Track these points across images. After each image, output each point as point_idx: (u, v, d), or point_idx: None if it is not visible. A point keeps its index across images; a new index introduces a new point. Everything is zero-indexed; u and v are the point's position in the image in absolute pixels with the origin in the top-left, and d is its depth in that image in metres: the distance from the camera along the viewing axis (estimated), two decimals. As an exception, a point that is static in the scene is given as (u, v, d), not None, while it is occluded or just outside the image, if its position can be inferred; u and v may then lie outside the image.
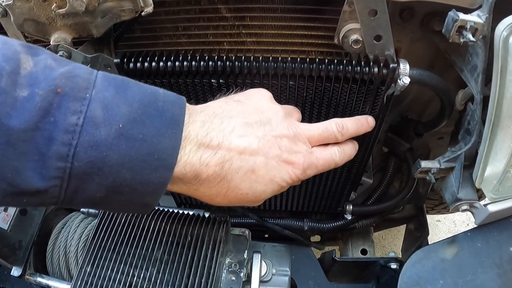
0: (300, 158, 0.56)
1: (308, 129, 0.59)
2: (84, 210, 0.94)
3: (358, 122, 0.66)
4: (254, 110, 0.56)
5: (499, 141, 0.62)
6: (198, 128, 0.50)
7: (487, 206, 0.70)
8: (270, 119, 0.56)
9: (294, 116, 0.62)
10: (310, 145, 0.59)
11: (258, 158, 0.53)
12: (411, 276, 0.74)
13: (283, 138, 0.55)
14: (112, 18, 0.65)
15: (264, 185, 0.55)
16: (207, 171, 0.50)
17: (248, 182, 0.53)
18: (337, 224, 1.08)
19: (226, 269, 0.77)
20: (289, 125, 0.57)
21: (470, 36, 0.57)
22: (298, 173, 0.56)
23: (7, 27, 0.73)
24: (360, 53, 0.69)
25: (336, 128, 0.61)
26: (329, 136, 0.61)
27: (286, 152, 0.55)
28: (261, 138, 0.54)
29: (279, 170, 0.55)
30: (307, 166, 0.57)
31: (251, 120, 0.54)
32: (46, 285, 0.91)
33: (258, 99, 0.59)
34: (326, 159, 0.60)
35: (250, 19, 0.72)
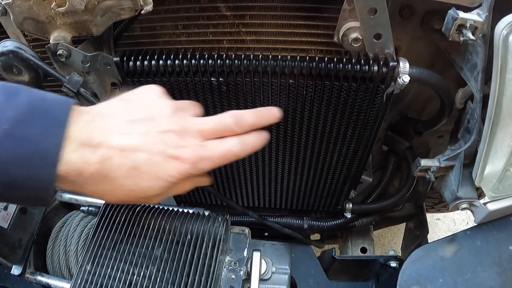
0: (187, 153, 0.55)
1: (200, 123, 0.59)
2: (84, 209, 0.94)
3: (259, 113, 0.64)
4: (139, 107, 0.57)
5: (499, 139, 0.62)
6: (80, 127, 0.51)
7: (487, 205, 0.70)
8: (156, 115, 0.56)
9: (189, 111, 0.61)
10: (202, 139, 0.58)
11: (140, 155, 0.53)
12: (410, 274, 0.74)
13: (169, 133, 0.55)
14: (111, 17, 0.65)
15: (149, 181, 0.54)
16: (89, 169, 0.51)
17: (132, 179, 0.54)
18: (336, 222, 1.09)
19: (226, 267, 0.77)
20: (177, 120, 0.57)
21: (470, 34, 0.57)
22: (187, 168, 0.55)
23: (7, 26, 0.73)
24: (359, 51, 0.69)
25: (232, 119, 0.60)
26: (225, 129, 0.60)
27: (171, 147, 0.55)
28: (144, 135, 0.54)
29: (164, 166, 0.54)
30: (196, 160, 0.56)
31: (135, 118, 0.55)
32: (46, 283, 0.91)
33: (145, 96, 0.60)
34: (221, 151, 0.59)
35: (250, 17, 0.72)
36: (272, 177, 0.98)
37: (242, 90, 0.73)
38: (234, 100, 0.75)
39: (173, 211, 0.80)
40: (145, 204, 0.82)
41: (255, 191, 1.05)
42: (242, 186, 1.03)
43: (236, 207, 1.00)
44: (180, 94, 0.75)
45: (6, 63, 0.70)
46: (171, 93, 0.74)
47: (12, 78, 0.73)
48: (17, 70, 0.71)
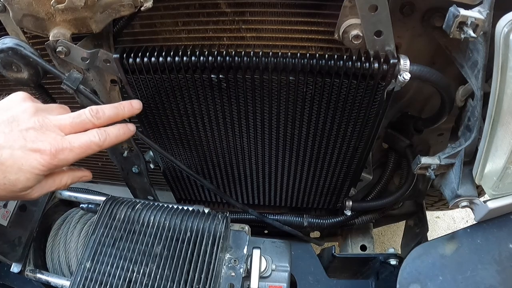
0: (46, 145, 0.62)
1: (59, 119, 0.65)
2: (84, 206, 0.94)
3: (118, 106, 0.71)
4: (4, 112, 0.64)
5: (499, 137, 0.62)
6: None
7: (487, 203, 0.70)
8: (17, 116, 0.63)
9: (53, 112, 0.67)
10: (62, 133, 0.65)
11: (4, 151, 0.60)
12: (410, 272, 0.74)
13: (29, 130, 0.62)
14: (111, 13, 0.65)
15: (15, 174, 0.61)
16: None
17: (1, 173, 0.60)
18: (336, 220, 1.09)
19: (226, 264, 0.77)
20: (37, 118, 0.64)
21: (471, 32, 0.57)
22: (47, 159, 0.62)
23: (6, 23, 0.73)
24: (360, 48, 0.69)
25: (90, 113, 0.67)
26: (82, 122, 0.66)
27: (31, 141, 0.61)
28: (7, 134, 0.61)
29: (26, 159, 0.61)
30: (56, 151, 0.62)
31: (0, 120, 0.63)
32: (46, 281, 0.91)
33: (11, 101, 0.66)
34: (82, 142, 0.65)
35: (250, 14, 0.72)
36: (272, 174, 0.98)
37: (242, 87, 0.72)
38: (234, 97, 0.75)
39: (173, 208, 0.80)
40: (145, 201, 0.82)
41: (255, 188, 1.05)
42: (242, 183, 1.03)
43: (236, 204, 0.99)
44: (180, 91, 0.75)
45: (5, 60, 0.70)
46: (171, 89, 0.74)
47: (12, 75, 0.72)
48: (17, 67, 0.71)
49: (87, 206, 0.95)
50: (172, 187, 1.09)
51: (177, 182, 1.06)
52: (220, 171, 0.99)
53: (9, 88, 0.98)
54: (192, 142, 0.89)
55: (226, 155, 0.92)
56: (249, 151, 0.90)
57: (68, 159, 0.64)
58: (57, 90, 0.85)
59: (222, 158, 0.94)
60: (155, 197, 1.07)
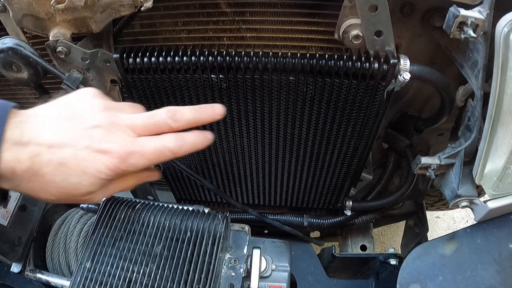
0: (114, 147, 0.55)
1: (131, 118, 0.59)
2: (84, 206, 0.94)
3: (199, 109, 0.63)
4: (68, 106, 0.58)
5: (499, 137, 0.62)
6: (14, 128, 0.52)
7: (487, 203, 0.70)
8: (84, 112, 0.57)
9: (125, 111, 0.61)
10: (134, 134, 0.57)
11: (66, 150, 0.53)
12: (410, 272, 0.74)
13: (95, 128, 0.55)
14: (111, 13, 0.65)
15: (78, 177, 0.54)
16: (21, 166, 0.52)
17: (61, 175, 0.54)
18: (336, 220, 1.09)
19: (226, 264, 0.77)
20: (106, 115, 0.57)
21: (471, 32, 0.57)
22: (115, 162, 0.55)
23: (6, 23, 0.73)
24: (360, 48, 0.69)
25: (166, 114, 0.60)
26: (157, 123, 0.59)
27: (97, 141, 0.54)
28: (70, 131, 0.54)
29: (91, 161, 0.54)
30: (125, 155, 0.55)
31: (63, 116, 0.56)
32: (46, 281, 0.91)
33: (78, 96, 0.60)
34: (155, 147, 0.58)
35: (250, 14, 0.72)
36: (272, 174, 0.98)
37: (242, 87, 0.72)
38: (234, 97, 0.75)
39: (173, 208, 0.80)
40: (145, 201, 0.82)
41: (255, 188, 1.05)
42: (242, 183, 1.03)
43: (236, 204, 0.99)
44: (180, 91, 0.75)
45: (5, 60, 0.70)
46: (171, 89, 0.74)
47: (12, 75, 0.72)
48: (17, 67, 0.71)
49: (87, 206, 0.94)
50: (172, 187, 1.09)
51: (177, 182, 1.06)
52: (220, 171, 0.99)
53: (9, 88, 0.98)
54: (192, 142, 0.89)
55: (226, 155, 0.92)
56: (249, 151, 0.90)
57: (137, 165, 0.57)
58: (57, 90, 0.85)
59: (222, 158, 0.94)
60: (155, 197, 1.07)
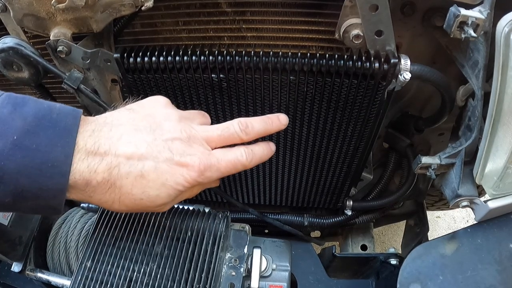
0: (195, 160, 0.55)
1: (206, 130, 0.59)
2: (84, 206, 0.94)
3: (267, 120, 0.64)
4: (145, 116, 0.57)
5: (500, 137, 0.62)
6: (87, 137, 0.51)
7: (487, 203, 0.70)
8: (161, 123, 0.57)
9: (195, 120, 0.62)
10: (209, 147, 0.58)
11: (146, 163, 0.53)
12: (411, 272, 0.74)
13: (174, 141, 0.55)
14: (112, 13, 0.65)
15: (157, 190, 0.54)
16: (96, 178, 0.51)
17: (140, 187, 0.53)
18: (337, 219, 1.08)
19: (226, 264, 0.77)
20: (183, 128, 0.57)
21: (471, 31, 0.57)
22: (194, 176, 0.55)
23: (7, 23, 0.73)
24: (361, 48, 0.69)
25: (239, 127, 0.60)
26: (230, 136, 0.60)
27: (178, 154, 0.55)
28: (150, 143, 0.54)
29: (171, 174, 0.54)
30: (204, 168, 0.56)
31: (141, 126, 0.55)
32: (46, 280, 0.91)
33: (152, 105, 0.60)
34: (229, 160, 0.59)
35: (251, 13, 0.72)
36: (272, 174, 0.98)
37: (243, 87, 0.72)
38: (234, 97, 0.75)
39: (174, 208, 0.80)
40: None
41: (255, 188, 1.05)
42: (243, 183, 1.03)
43: (236, 204, 1.00)
44: (181, 91, 0.75)
45: (6, 59, 0.70)
46: (172, 89, 0.74)
47: (12, 74, 0.73)
48: (17, 66, 0.71)
49: (87, 205, 0.94)
50: (172, 186, 1.09)
51: (178, 181, 1.06)
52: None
53: (10, 87, 0.98)
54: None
55: (226, 155, 0.92)
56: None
57: (212, 177, 0.58)
58: (58, 89, 0.85)
59: (223, 157, 0.93)
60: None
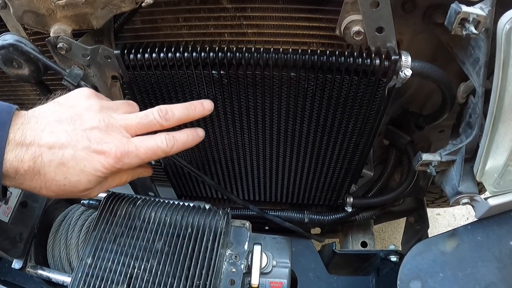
0: (111, 147, 0.59)
1: (125, 119, 0.62)
2: (85, 202, 0.95)
3: (189, 106, 0.67)
4: (67, 108, 0.61)
5: (501, 134, 0.62)
6: (16, 129, 0.56)
7: (488, 200, 0.70)
8: (82, 114, 0.60)
9: (119, 110, 0.64)
10: (128, 135, 0.62)
11: (66, 151, 0.57)
12: (411, 269, 0.74)
13: (93, 130, 0.59)
14: (112, 9, 0.65)
15: (77, 176, 0.59)
16: (23, 166, 0.56)
17: (62, 174, 0.58)
18: (337, 216, 1.09)
19: (227, 260, 0.77)
20: (102, 117, 0.61)
21: (472, 28, 0.57)
22: (111, 162, 0.59)
23: (7, 19, 0.73)
24: (361, 45, 0.69)
25: (158, 114, 0.63)
26: (150, 123, 0.63)
27: (95, 143, 0.58)
28: (70, 132, 0.58)
29: (89, 161, 0.58)
30: (121, 155, 0.60)
31: (63, 117, 0.59)
32: (47, 277, 0.91)
33: (75, 97, 0.64)
34: (148, 146, 0.62)
35: (251, 10, 0.71)
36: (273, 170, 0.98)
37: (243, 83, 0.72)
38: (235, 94, 0.75)
39: (174, 204, 0.80)
40: (146, 198, 0.82)
41: (256, 185, 1.05)
42: (243, 179, 1.03)
43: (237, 200, 1.00)
44: (181, 87, 0.75)
45: (6, 56, 0.70)
46: (172, 86, 0.74)
47: (12, 71, 0.72)
48: (17, 63, 0.71)
49: (88, 202, 0.95)
50: (173, 183, 1.09)
51: (178, 178, 1.06)
52: (221, 167, 0.99)
53: (10, 84, 0.98)
54: (193, 138, 0.89)
55: (227, 151, 0.92)
56: (250, 147, 0.90)
57: (131, 164, 0.62)
58: (58, 86, 0.85)
59: (223, 154, 0.94)
60: (156, 193, 1.07)
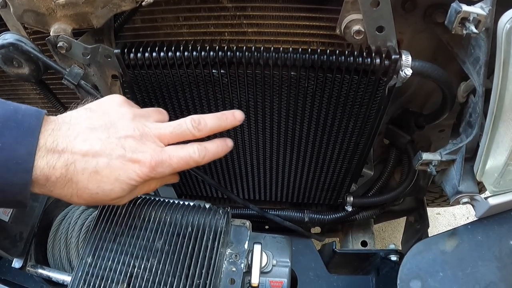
0: (146, 157, 0.59)
1: (159, 128, 0.63)
2: (85, 201, 0.94)
3: (221, 116, 0.67)
4: (100, 115, 0.61)
5: (501, 134, 0.62)
6: (47, 136, 0.55)
7: (488, 199, 0.70)
8: (115, 122, 0.60)
9: (151, 118, 0.65)
10: (162, 144, 0.62)
11: (100, 159, 0.57)
12: (411, 268, 0.74)
13: (127, 138, 0.59)
14: (112, 8, 0.65)
15: (111, 184, 0.58)
16: (55, 173, 0.55)
17: (95, 182, 0.58)
18: (337, 215, 1.09)
19: (227, 260, 0.77)
20: (136, 126, 0.61)
21: (473, 28, 0.57)
22: (146, 171, 0.59)
23: (7, 19, 0.73)
24: (362, 44, 0.68)
25: (191, 124, 0.64)
26: (183, 133, 0.64)
27: (130, 151, 0.59)
28: (104, 140, 0.58)
29: (124, 170, 0.58)
30: (155, 164, 0.60)
31: (96, 125, 0.59)
32: (47, 276, 0.91)
33: (108, 104, 0.64)
34: (181, 156, 0.62)
35: (252, 9, 0.71)
36: (273, 170, 0.98)
37: (244, 82, 0.72)
38: (235, 93, 0.75)
39: (174, 203, 0.80)
40: (146, 197, 0.82)
41: (256, 184, 1.05)
42: (243, 179, 1.03)
43: (237, 199, 1.00)
44: (182, 87, 0.75)
45: (6, 55, 0.70)
46: (173, 85, 0.74)
47: (13, 70, 0.72)
48: (18, 62, 0.71)
49: (88, 201, 0.95)
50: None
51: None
52: (221, 166, 0.99)
53: (10, 83, 0.98)
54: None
55: (227, 151, 0.92)
56: (250, 146, 0.90)
57: (164, 173, 0.62)
58: (58, 85, 0.85)
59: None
60: (156, 192, 1.07)
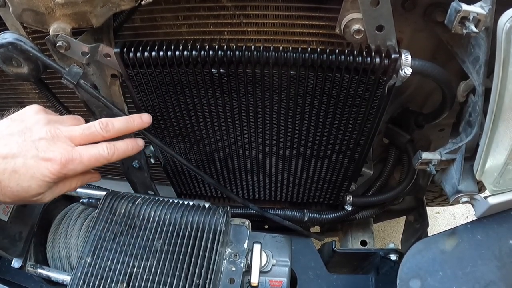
0: (57, 155, 0.65)
1: (70, 130, 0.69)
2: (84, 201, 0.94)
3: (129, 119, 0.74)
4: (19, 123, 0.69)
5: (501, 133, 0.62)
6: None
7: (488, 199, 0.70)
8: (31, 127, 0.68)
9: (65, 123, 0.71)
10: (73, 144, 0.68)
11: (18, 160, 0.64)
12: (411, 267, 0.74)
13: (41, 140, 0.66)
14: (111, 8, 0.65)
15: (28, 182, 0.65)
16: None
17: (14, 180, 0.64)
18: (337, 215, 1.09)
19: (226, 259, 0.77)
20: (48, 129, 0.68)
21: (472, 27, 0.57)
22: (57, 168, 0.65)
23: (6, 18, 0.73)
24: (361, 43, 0.68)
25: (99, 126, 0.70)
26: (92, 134, 0.70)
27: (42, 151, 0.65)
28: (20, 143, 0.65)
29: (37, 167, 0.65)
30: (66, 161, 0.66)
31: (14, 131, 0.67)
32: (46, 276, 0.91)
33: (26, 113, 0.71)
34: (91, 154, 0.69)
35: (251, 8, 0.71)
36: (273, 169, 0.98)
37: (243, 81, 0.72)
38: (235, 92, 0.75)
39: (174, 202, 0.80)
40: (145, 196, 0.82)
41: (255, 183, 1.05)
42: (243, 178, 1.03)
43: (236, 199, 1.00)
44: (181, 86, 0.75)
45: (5, 55, 0.70)
46: (172, 84, 0.74)
47: (12, 70, 0.72)
48: (17, 62, 0.71)
49: (87, 201, 0.95)
50: (172, 181, 1.09)
51: (178, 176, 1.06)
52: (220, 166, 0.99)
53: (9, 83, 0.98)
54: (193, 136, 0.89)
55: (226, 150, 0.92)
56: (250, 145, 0.90)
57: (76, 170, 0.68)
58: (58, 85, 0.85)
59: (223, 152, 0.93)
60: (155, 191, 1.07)
